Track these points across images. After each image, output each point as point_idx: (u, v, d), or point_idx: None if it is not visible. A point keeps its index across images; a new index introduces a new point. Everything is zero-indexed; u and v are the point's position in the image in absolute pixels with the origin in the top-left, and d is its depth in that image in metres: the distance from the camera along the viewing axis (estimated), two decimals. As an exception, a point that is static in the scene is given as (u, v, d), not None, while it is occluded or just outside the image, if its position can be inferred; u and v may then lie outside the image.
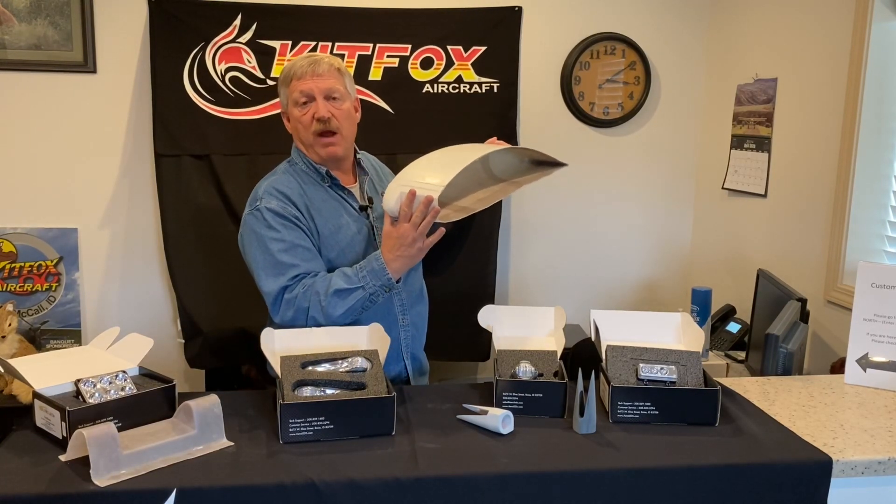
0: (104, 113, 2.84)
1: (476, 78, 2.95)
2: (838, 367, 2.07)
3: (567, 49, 3.05)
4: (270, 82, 2.83)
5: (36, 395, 1.41)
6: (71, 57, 2.77)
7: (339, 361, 1.55)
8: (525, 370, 1.56)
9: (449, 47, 2.92)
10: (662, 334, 1.70)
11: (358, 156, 1.97)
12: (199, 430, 1.36)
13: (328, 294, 1.69)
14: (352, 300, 1.70)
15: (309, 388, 1.48)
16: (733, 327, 2.74)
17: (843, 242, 2.33)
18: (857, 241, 2.32)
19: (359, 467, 1.30)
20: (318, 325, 1.71)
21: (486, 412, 1.48)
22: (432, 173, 1.69)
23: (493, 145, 1.80)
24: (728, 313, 2.83)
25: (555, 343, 1.69)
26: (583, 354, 2.42)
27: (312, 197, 1.84)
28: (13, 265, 2.84)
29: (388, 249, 1.71)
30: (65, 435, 1.33)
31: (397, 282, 1.74)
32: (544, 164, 1.86)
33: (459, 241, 2.97)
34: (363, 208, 1.90)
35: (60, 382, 1.43)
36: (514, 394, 1.53)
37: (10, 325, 2.06)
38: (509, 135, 3.00)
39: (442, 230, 1.71)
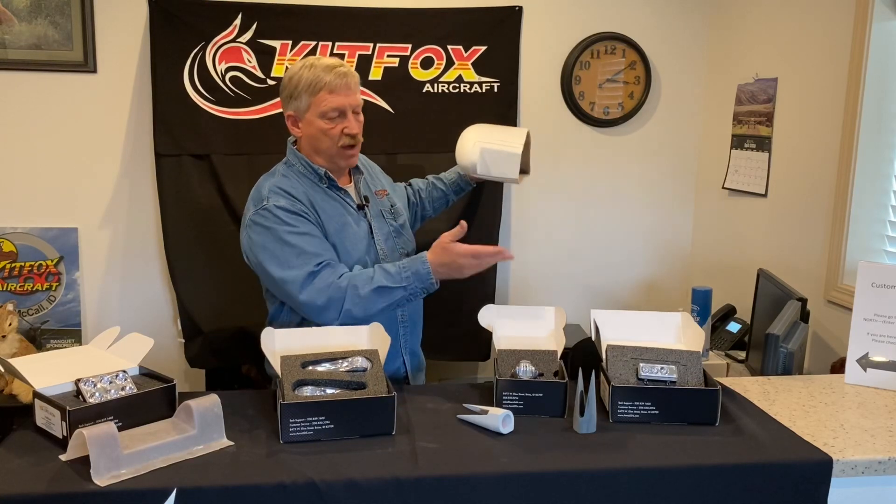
0: (104, 113, 2.83)
1: (476, 78, 2.95)
2: (838, 367, 2.07)
3: (567, 49, 3.05)
4: (271, 82, 2.83)
5: (36, 394, 1.41)
6: (71, 57, 2.77)
7: (340, 361, 1.55)
8: (525, 370, 1.56)
9: (449, 47, 2.92)
10: (662, 334, 1.70)
11: None
12: (199, 430, 1.36)
13: (371, 290, 1.71)
14: (392, 298, 1.73)
15: (309, 387, 1.48)
16: (733, 327, 2.74)
17: (844, 242, 2.33)
18: (857, 241, 2.32)
19: (359, 467, 1.30)
20: (352, 317, 1.72)
21: (486, 412, 1.48)
22: (508, 137, 1.97)
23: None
24: (728, 313, 2.83)
25: (555, 343, 1.70)
26: (583, 354, 2.42)
27: (313, 197, 1.85)
28: (13, 265, 2.84)
29: (437, 258, 1.74)
30: (65, 434, 1.33)
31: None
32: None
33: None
34: (360, 207, 1.91)
35: (61, 382, 1.43)
36: (514, 393, 1.53)
37: (10, 324, 2.06)
38: (509, 135, 3.00)
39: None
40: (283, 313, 1.89)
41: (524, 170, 2.12)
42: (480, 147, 1.96)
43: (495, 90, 2.97)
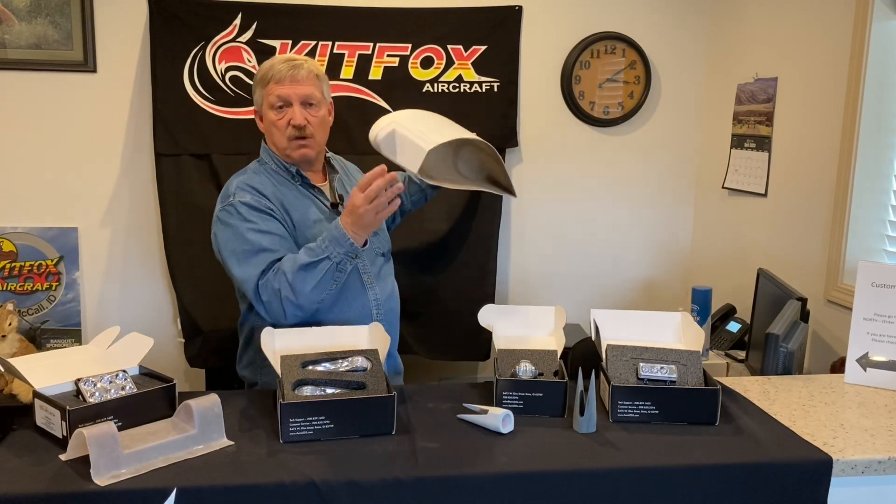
0: (104, 113, 2.84)
1: (476, 77, 2.95)
2: (838, 367, 2.07)
3: (567, 48, 3.05)
4: (270, 82, 2.83)
5: (36, 394, 1.41)
6: (71, 56, 2.77)
7: (340, 361, 1.55)
8: (525, 369, 1.56)
9: (449, 47, 2.92)
10: (662, 334, 1.70)
11: (327, 155, 1.99)
12: (199, 430, 1.36)
13: (295, 271, 1.68)
14: (319, 273, 1.68)
15: (309, 387, 1.48)
16: (733, 327, 2.74)
17: (844, 242, 2.33)
18: (857, 241, 2.32)
19: (359, 467, 1.30)
20: (295, 306, 1.69)
21: (486, 412, 1.48)
22: (430, 130, 1.70)
23: (478, 138, 1.82)
24: (728, 313, 2.83)
25: (555, 342, 1.69)
26: (583, 354, 2.42)
27: (285, 194, 1.85)
28: (13, 264, 2.84)
29: (345, 216, 1.69)
30: (65, 434, 1.33)
31: (363, 246, 1.72)
32: (498, 184, 1.90)
33: (459, 241, 2.98)
34: (334, 205, 1.91)
35: (60, 382, 1.43)
36: (514, 393, 1.53)
37: (10, 324, 2.06)
38: (509, 134, 3.00)
39: (398, 202, 1.67)
40: (251, 317, 1.90)
41: (510, 190, 1.89)
42: (395, 127, 1.75)
43: (495, 90, 2.97)
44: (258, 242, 1.74)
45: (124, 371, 1.48)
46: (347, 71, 2.86)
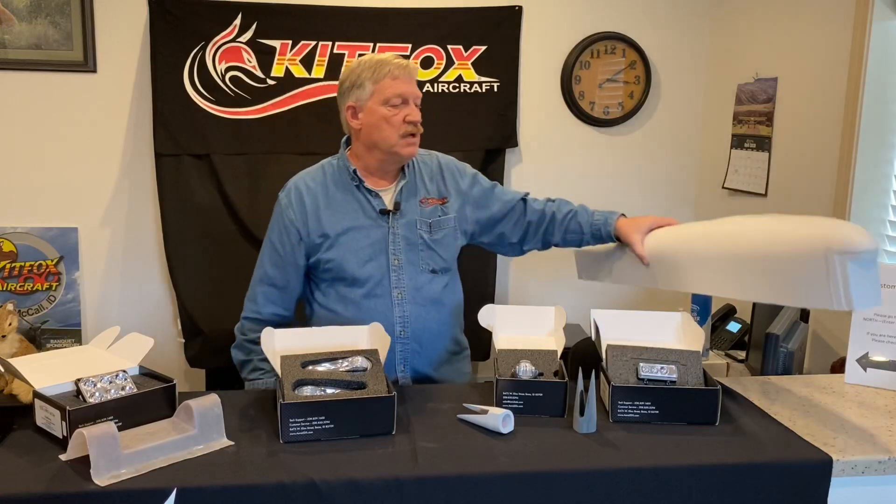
0: (104, 113, 2.84)
1: (476, 77, 2.95)
2: (838, 367, 2.07)
3: (567, 48, 3.05)
4: (271, 82, 2.83)
5: (36, 394, 1.41)
6: (71, 56, 2.77)
7: (340, 361, 1.55)
8: (525, 369, 1.56)
9: (449, 47, 2.92)
10: (662, 334, 1.70)
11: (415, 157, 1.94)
12: (199, 430, 1.36)
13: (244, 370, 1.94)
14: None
15: (309, 387, 1.48)
16: (733, 327, 2.74)
17: (844, 242, 2.32)
18: (857, 241, 2.32)
19: (359, 467, 1.30)
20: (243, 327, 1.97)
21: (486, 412, 1.48)
22: None
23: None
24: (728, 313, 2.83)
25: (555, 342, 1.69)
26: (583, 354, 2.42)
27: (333, 195, 1.85)
28: (13, 265, 2.84)
29: None
30: (65, 434, 1.33)
31: None
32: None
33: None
34: (384, 212, 1.86)
35: (61, 382, 1.43)
36: (514, 393, 1.53)
37: (10, 324, 2.06)
38: (509, 134, 3.00)
39: None
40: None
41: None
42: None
43: (495, 90, 2.97)
44: (265, 250, 1.90)
45: (124, 371, 1.48)
46: (347, 71, 2.86)
